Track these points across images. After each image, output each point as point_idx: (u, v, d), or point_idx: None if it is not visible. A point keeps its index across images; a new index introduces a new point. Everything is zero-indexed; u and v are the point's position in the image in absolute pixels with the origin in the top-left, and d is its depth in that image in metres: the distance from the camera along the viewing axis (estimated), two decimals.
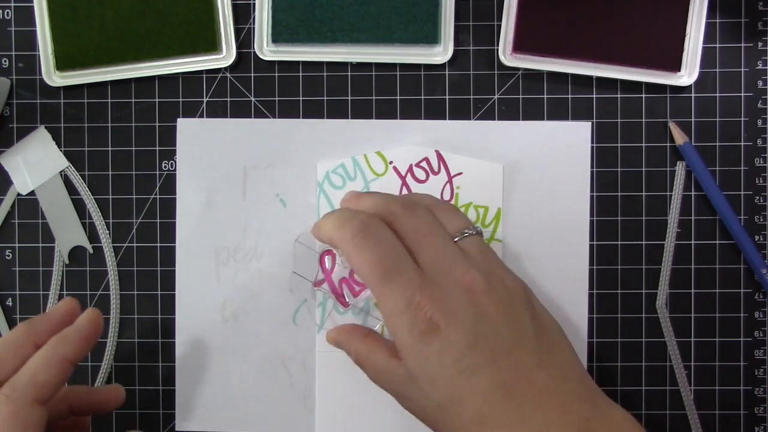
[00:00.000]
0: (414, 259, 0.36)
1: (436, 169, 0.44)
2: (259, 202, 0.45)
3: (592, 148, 0.45)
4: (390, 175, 0.44)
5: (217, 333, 0.45)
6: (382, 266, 0.35)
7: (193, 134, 0.45)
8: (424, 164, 0.44)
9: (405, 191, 0.44)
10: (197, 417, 0.45)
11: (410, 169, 0.44)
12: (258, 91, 0.45)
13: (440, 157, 0.44)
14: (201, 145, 0.45)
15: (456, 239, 0.38)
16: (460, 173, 0.44)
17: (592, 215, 0.45)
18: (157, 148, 0.46)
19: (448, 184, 0.44)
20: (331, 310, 0.44)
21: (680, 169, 0.45)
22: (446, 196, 0.44)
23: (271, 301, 0.45)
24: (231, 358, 0.45)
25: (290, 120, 0.45)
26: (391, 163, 0.44)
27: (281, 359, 0.45)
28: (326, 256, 0.44)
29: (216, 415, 0.45)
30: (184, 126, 0.45)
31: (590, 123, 0.45)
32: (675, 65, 0.44)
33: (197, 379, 0.45)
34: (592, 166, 0.45)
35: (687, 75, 0.44)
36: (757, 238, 0.45)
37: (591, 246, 0.45)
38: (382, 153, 0.44)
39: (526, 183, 0.44)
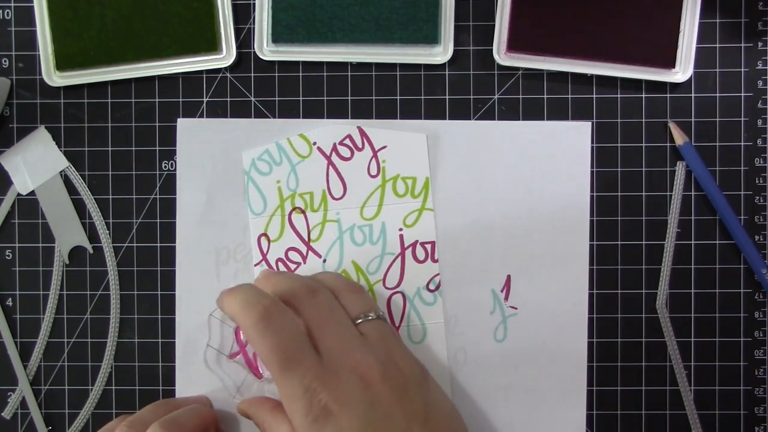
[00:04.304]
0: (315, 345, 0.37)
1: (360, 145, 0.44)
2: None
3: (592, 148, 0.45)
4: (315, 156, 0.45)
5: (214, 332, 0.45)
6: (281, 354, 0.36)
7: (193, 134, 0.45)
8: (347, 141, 0.44)
9: (332, 171, 0.44)
10: None
11: (334, 148, 0.44)
12: (258, 91, 0.45)
13: (363, 133, 0.44)
14: (201, 145, 0.45)
15: (358, 322, 0.39)
16: (385, 147, 0.44)
17: (592, 215, 0.45)
18: (157, 148, 0.46)
19: (373, 158, 0.44)
20: (243, 381, 0.44)
21: (680, 169, 0.45)
22: (373, 171, 0.44)
23: None
24: (225, 359, 0.45)
25: (290, 120, 0.45)
26: (314, 144, 0.44)
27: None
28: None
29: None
30: (184, 126, 0.45)
31: (590, 123, 0.45)
32: (669, 62, 0.44)
33: (197, 379, 0.45)
34: (592, 166, 0.45)
35: (682, 72, 0.44)
36: (757, 238, 0.45)
37: (591, 246, 0.45)
38: (305, 135, 0.45)
39: (527, 183, 0.44)
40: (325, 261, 0.45)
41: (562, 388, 0.44)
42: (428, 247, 0.44)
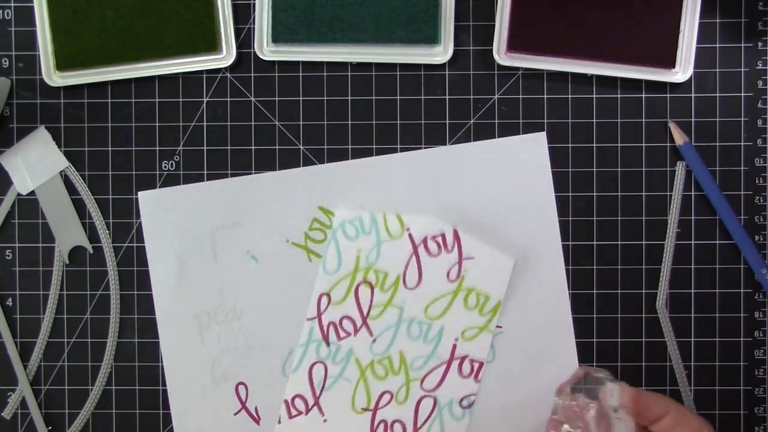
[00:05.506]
0: None
1: (450, 247, 0.44)
2: (231, 262, 0.45)
3: (593, 147, 0.45)
4: (404, 241, 0.44)
5: (209, 396, 0.45)
6: None
7: (155, 204, 0.45)
8: (439, 239, 0.44)
9: (414, 261, 0.44)
10: None
11: (425, 241, 0.44)
12: (258, 91, 0.45)
13: (456, 236, 0.44)
14: (165, 214, 0.45)
15: None
16: (472, 257, 0.44)
17: (592, 215, 0.45)
18: (157, 148, 0.46)
19: (457, 264, 0.44)
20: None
21: (680, 169, 0.45)
22: (452, 276, 0.44)
23: (258, 357, 0.45)
24: (229, 419, 0.45)
25: (246, 177, 0.45)
26: (408, 229, 0.44)
27: (278, 413, 0.45)
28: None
29: None
30: (146, 198, 0.45)
31: (544, 133, 0.44)
32: (670, 62, 0.44)
33: None
34: (592, 166, 0.45)
35: (681, 72, 0.44)
36: (757, 238, 0.45)
37: (591, 246, 0.45)
38: (401, 217, 0.44)
39: (491, 202, 0.44)
40: (375, 341, 0.44)
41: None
42: (476, 365, 0.44)
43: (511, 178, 0.44)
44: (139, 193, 0.45)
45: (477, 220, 0.44)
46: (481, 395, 0.44)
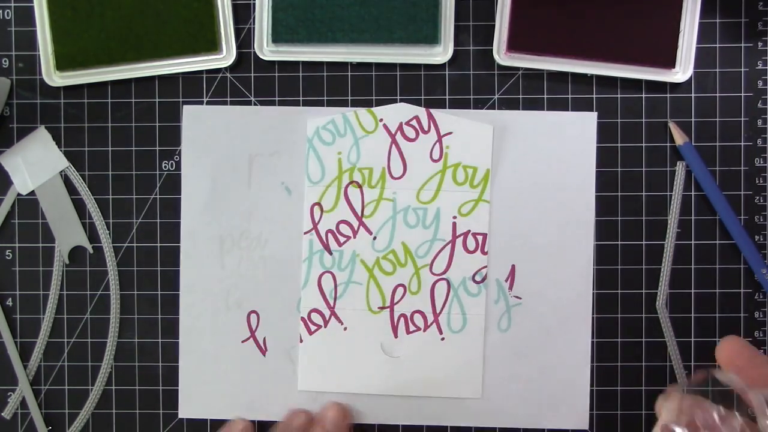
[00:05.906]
0: None
1: (426, 128, 0.44)
2: (264, 190, 0.45)
3: (593, 147, 0.45)
4: (380, 133, 0.44)
5: (220, 320, 0.45)
6: None
7: (199, 121, 0.45)
8: (414, 123, 0.44)
9: (395, 150, 0.44)
10: (200, 404, 0.45)
11: (400, 127, 0.44)
12: (258, 91, 0.45)
13: (431, 116, 0.44)
14: (206, 132, 0.45)
15: None
16: (450, 133, 0.44)
17: (592, 215, 0.45)
18: (157, 148, 0.46)
19: (437, 143, 0.44)
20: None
21: (680, 169, 0.45)
22: (435, 156, 0.44)
23: (275, 289, 0.45)
24: (235, 346, 0.45)
25: (294, 107, 0.45)
26: (381, 120, 0.44)
27: (284, 348, 0.45)
28: None
29: (218, 402, 0.45)
30: (190, 113, 0.45)
31: (595, 114, 0.44)
32: (669, 62, 0.44)
33: (200, 366, 0.45)
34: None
35: (682, 71, 0.44)
36: (757, 238, 0.45)
37: (592, 246, 0.45)
38: (372, 110, 0.44)
39: (531, 173, 0.44)
40: (375, 238, 0.44)
41: (565, 377, 0.44)
42: (480, 238, 0.44)
43: (555, 153, 0.44)
44: (185, 106, 0.45)
45: (513, 187, 0.44)
46: (492, 363, 0.44)
